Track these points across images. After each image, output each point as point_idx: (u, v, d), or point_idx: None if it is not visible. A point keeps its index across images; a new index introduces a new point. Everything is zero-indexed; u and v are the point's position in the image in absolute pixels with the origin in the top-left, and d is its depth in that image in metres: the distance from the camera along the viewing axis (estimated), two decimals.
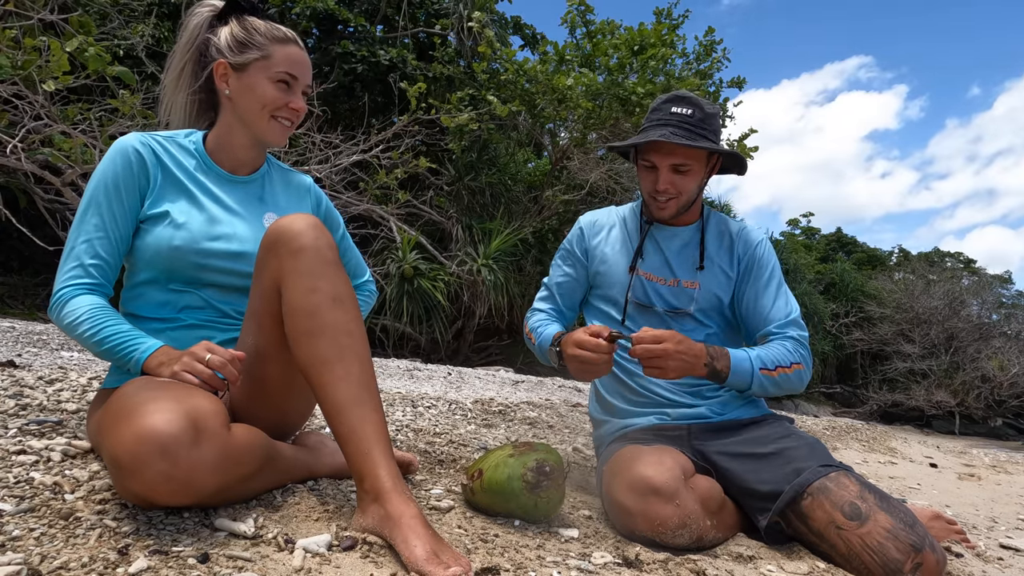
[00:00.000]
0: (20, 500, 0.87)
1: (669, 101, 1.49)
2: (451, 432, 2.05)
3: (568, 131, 8.89)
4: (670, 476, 1.20)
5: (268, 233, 1.03)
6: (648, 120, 1.51)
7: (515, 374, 6.12)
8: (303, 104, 1.22)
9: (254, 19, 1.20)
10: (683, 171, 1.46)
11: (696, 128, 1.44)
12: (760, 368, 1.38)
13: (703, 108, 1.47)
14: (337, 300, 1.00)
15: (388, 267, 6.95)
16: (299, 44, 1.22)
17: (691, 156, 1.45)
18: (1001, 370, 14.20)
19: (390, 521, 0.89)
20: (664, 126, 1.45)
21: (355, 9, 8.04)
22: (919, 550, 1.11)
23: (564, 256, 1.69)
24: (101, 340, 1.04)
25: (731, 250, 1.56)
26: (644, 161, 1.50)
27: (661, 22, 8.93)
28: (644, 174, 1.52)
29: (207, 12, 1.22)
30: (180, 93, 1.24)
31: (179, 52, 1.22)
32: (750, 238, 1.57)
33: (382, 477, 0.92)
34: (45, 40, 3.70)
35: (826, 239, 24.03)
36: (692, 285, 1.53)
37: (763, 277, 1.53)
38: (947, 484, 3.36)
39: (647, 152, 1.48)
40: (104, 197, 1.11)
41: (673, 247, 1.57)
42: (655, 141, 1.43)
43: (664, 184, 1.47)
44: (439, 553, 0.84)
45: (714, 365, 1.34)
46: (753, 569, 1.15)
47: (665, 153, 1.45)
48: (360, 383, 0.97)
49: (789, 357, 1.42)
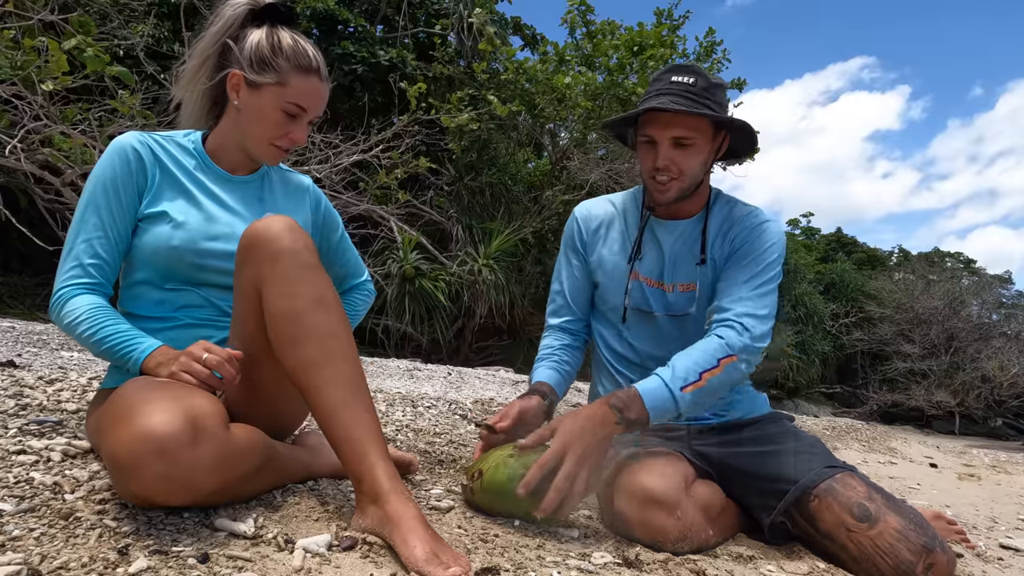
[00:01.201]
0: (20, 500, 0.87)
1: (669, 71, 1.35)
2: (451, 432, 2.05)
3: (568, 131, 8.89)
4: (671, 486, 1.18)
5: (244, 236, 1.01)
6: (647, 93, 1.37)
7: (515, 374, 6.12)
8: (303, 136, 1.19)
9: (284, 34, 1.16)
10: (685, 145, 1.31)
11: (699, 97, 1.30)
12: (681, 387, 1.20)
13: (707, 77, 1.33)
14: (319, 303, 0.98)
15: (389, 267, 6.96)
16: (320, 74, 1.17)
17: (694, 127, 1.30)
18: (1001, 370, 14.20)
19: (390, 522, 0.88)
20: (663, 95, 1.30)
21: (355, 9, 8.05)
22: (931, 551, 1.10)
23: (568, 253, 1.55)
24: (100, 340, 1.04)
25: (726, 234, 1.41)
26: (642, 136, 1.36)
27: (662, 23, 8.93)
28: (643, 152, 1.37)
29: (243, 9, 1.17)
30: (196, 85, 1.20)
31: (207, 41, 1.18)
32: (750, 220, 1.39)
33: (379, 479, 0.91)
34: (44, 40, 3.70)
35: (826, 239, 24.03)
36: (689, 287, 1.41)
37: (746, 259, 1.35)
38: (947, 484, 3.36)
39: (645, 125, 1.34)
40: (102, 197, 1.11)
41: (671, 243, 1.44)
42: (653, 111, 1.29)
43: (664, 160, 1.32)
44: (439, 553, 0.84)
45: (627, 416, 1.17)
46: (753, 569, 1.15)
47: (664, 124, 1.31)
48: (349, 385, 0.96)
49: (714, 354, 1.24)
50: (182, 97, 1.23)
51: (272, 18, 1.18)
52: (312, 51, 1.17)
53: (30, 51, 3.68)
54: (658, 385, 1.20)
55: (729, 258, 1.38)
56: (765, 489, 1.28)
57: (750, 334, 1.27)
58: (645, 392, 1.19)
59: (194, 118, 1.24)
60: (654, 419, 1.19)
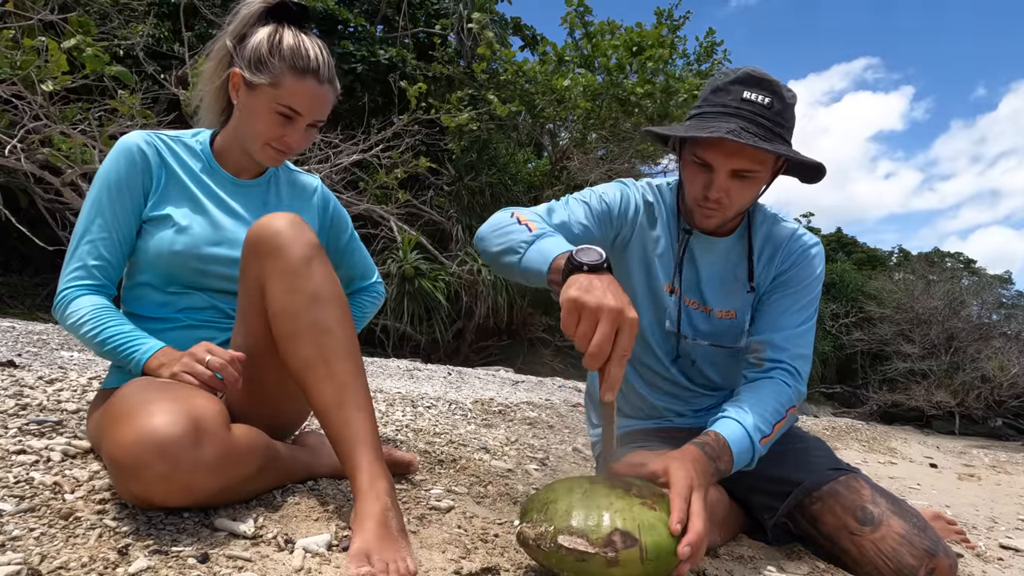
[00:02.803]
0: (20, 500, 0.87)
1: (740, 82, 1.14)
2: (451, 432, 2.05)
3: (568, 131, 8.89)
4: None
5: (249, 233, 1.01)
6: (707, 102, 1.17)
7: (515, 374, 6.12)
8: (299, 139, 1.16)
9: (288, 33, 1.14)
10: (746, 177, 1.14)
11: (773, 124, 1.12)
12: (761, 439, 1.12)
13: (783, 97, 1.14)
14: (317, 299, 0.97)
15: (388, 267, 6.96)
16: (318, 77, 1.13)
17: (761, 160, 1.13)
18: (1001, 370, 14.20)
19: (356, 519, 0.89)
20: (732, 117, 1.12)
21: (355, 9, 8.05)
22: (933, 555, 1.10)
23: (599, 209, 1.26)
24: (103, 341, 1.04)
25: (772, 258, 1.28)
26: (696, 158, 1.16)
27: (662, 23, 8.93)
28: (693, 173, 1.18)
29: (258, 7, 1.15)
30: (211, 84, 1.19)
31: (223, 40, 1.16)
32: (798, 245, 1.28)
33: (359, 479, 0.91)
34: (44, 40, 3.70)
35: (826, 239, 24.03)
36: (729, 314, 1.29)
37: (793, 289, 1.26)
38: (947, 484, 3.36)
39: (703, 148, 1.14)
40: (107, 197, 1.11)
41: (710, 262, 1.29)
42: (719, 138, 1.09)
43: (718, 192, 1.15)
44: (373, 552, 0.83)
45: (718, 467, 1.06)
46: (753, 570, 1.15)
47: (728, 153, 1.12)
48: (343, 384, 0.96)
49: (786, 404, 1.18)
50: (202, 96, 1.22)
51: (283, 16, 1.16)
52: (314, 52, 1.13)
53: (30, 51, 3.68)
54: (743, 436, 1.10)
55: (775, 284, 1.28)
56: (768, 490, 1.28)
57: (802, 380, 1.22)
58: (732, 440, 1.08)
59: (209, 118, 1.24)
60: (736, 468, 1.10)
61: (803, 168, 1.23)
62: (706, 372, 1.39)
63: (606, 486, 0.92)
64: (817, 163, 1.17)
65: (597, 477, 0.97)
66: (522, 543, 0.90)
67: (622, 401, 1.51)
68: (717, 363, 1.38)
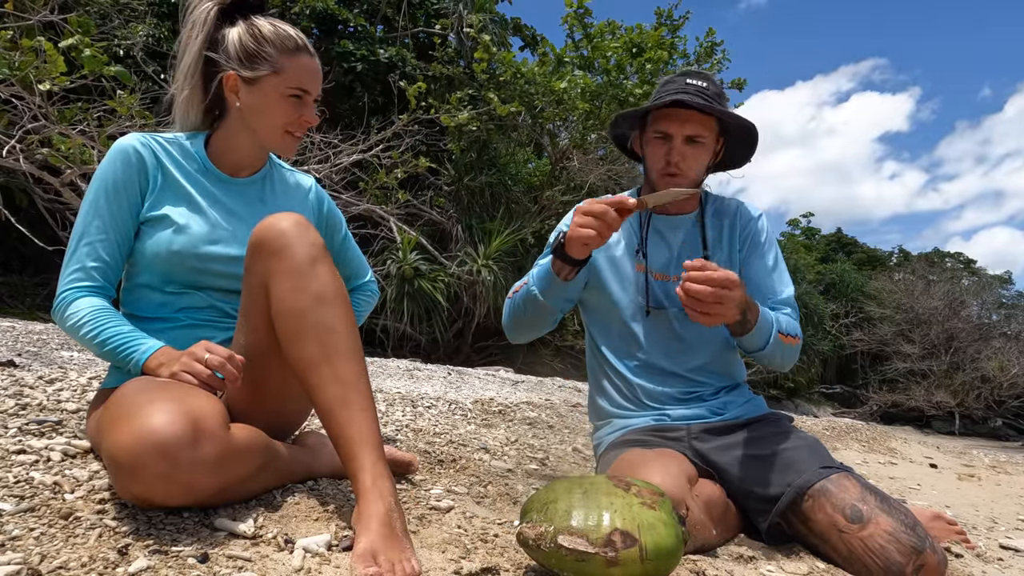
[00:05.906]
0: (20, 500, 0.87)
1: (683, 75, 1.46)
2: (451, 432, 2.05)
3: (568, 132, 8.89)
4: (675, 486, 1.17)
5: (253, 233, 1.01)
6: (661, 91, 1.46)
7: (515, 374, 6.12)
8: (315, 117, 1.20)
9: (262, 23, 1.15)
10: (697, 143, 1.42)
11: (712, 101, 1.41)
12: (779, 331, 1.36)
13: (716, 84, 1.45)
14: (321, 299, 0.98)
15: (388, 267, 6.96)
16: (309, 51, 1.18)
17: (708, 126, 1.42)
18: (1001, 370, 14.22)
19: (359, 519, 0.89)
20: (680, 93, 1.41)
21: (355, 9, 8.04)
22: (920, 552, 1.10)
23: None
24: (103, 341, 1.04)
25: (732, 228, 1.54)
26: (656, 133, 1.44)
27: (662, 23, 8.93)
28: (654, 148, 1.46)
29: (214, 10, 1.16)
30: (188, 93, 1.20)
31: (187, 50, 1.17)
32: (748, 212, 1.56)
33: (362, 479, 0.91)
34: (42, 41, 3.69)
35: (826, 239, 24.06)
36: None
37: (761, 250, 1.52)
38: (947, 484, 3.36)
39: (660, 121, 1.43)
40: (104, 199, 1.11)
41: (677, 239, 1.53)
42: (671, 107, 1.38)
43: (677, 156, 1.42)
44: (379, 552, 0.82)
45: (747, 315, 1.27)
46: (753, 570, 1.15)
47: (683, 120, 1.41)
48: (346, 383, 0.96)
49: (796, 329, 1.43)
50: (177, 107, 1.23)
51: (243, 10, 1.17)
52: (293, 31, 1.17)
53: (28, 51, 3.68)
54: (771, 316, 1.35)
55: (747, 249, 1.52)
56: (761, 491, 1.29)
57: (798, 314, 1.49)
58: (763, 311, 1.32)
59: (189, 125, 1.25)
60: (751, 334, 1.31)
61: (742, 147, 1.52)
62: (689, 341, 1.50)
63: (606, 486, 0.93)
64: (749, 123, 1.44)
65: (597, 477, 0.98)
66: (522, 543, 0.90)
67: (617, 396, 1.55)
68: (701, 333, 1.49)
